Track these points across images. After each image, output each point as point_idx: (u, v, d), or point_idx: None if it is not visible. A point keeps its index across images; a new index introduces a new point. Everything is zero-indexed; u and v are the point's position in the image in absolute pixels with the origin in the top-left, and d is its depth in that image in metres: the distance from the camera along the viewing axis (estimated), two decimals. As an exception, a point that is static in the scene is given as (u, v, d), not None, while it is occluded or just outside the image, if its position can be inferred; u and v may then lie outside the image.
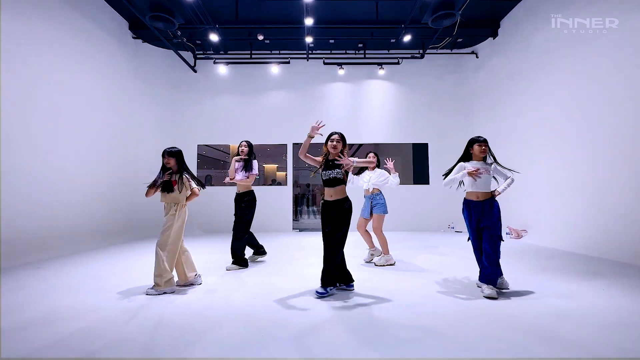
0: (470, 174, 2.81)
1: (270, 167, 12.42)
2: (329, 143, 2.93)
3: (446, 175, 3.09)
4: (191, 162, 7.91)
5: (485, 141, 2.92)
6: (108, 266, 4.07)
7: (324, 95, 8.14)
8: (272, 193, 7.95)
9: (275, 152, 8.12)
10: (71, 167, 5.30)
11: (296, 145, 8.04)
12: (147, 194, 3.02)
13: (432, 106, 8.08)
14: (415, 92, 8.12)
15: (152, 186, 3.02)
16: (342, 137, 2.96)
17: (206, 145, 8.23)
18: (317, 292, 2.81)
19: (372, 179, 4.17)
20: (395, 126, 8.11)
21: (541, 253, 4.79)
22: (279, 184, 10.14)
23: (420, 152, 8.20)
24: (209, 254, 4.81)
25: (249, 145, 4.07)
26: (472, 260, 3.36)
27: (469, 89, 7.99)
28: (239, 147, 4.07)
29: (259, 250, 4.33)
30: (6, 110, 4.25)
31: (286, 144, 7.99)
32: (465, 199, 3.00)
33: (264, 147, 8.51)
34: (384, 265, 4.00)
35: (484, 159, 2.97)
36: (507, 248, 4.88)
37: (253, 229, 4.21)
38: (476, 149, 2.92)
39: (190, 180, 3.12)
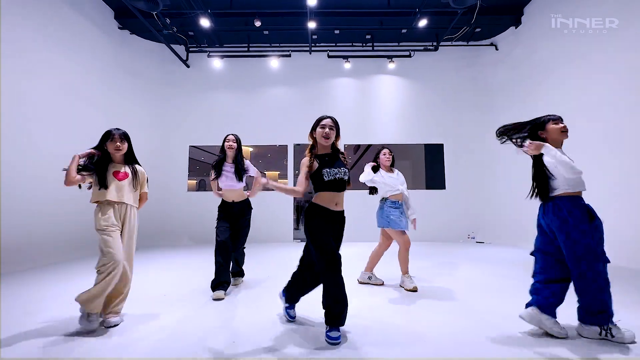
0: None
1: (272, 174, 11.70)
2: (319, 130, 2.11)
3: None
4: (182, 165, 7.22)
5: (562, 119, 2.07)
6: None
7: (328, 91, 7.44)
8: (271, 200, 7.19)
9: (278, 158, 7.44)
10: (49, 167, 4.56)
11: (297, 147, 7.32)
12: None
13: (447, 103, 7.33)
14: (429, 88, 7.40)
15: None
16: (335, 123, 2.15)
17: (199, 147, 7.51)
18: (328, 336, 1.90)
19: (400, 179, 3.34)
20: (407, 125, 7.36)
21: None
22: (280, 190, 9.35)
23: (433, 154, 7.41)
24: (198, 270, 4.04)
25: (238, 140, 3.23)
26: (512, 279, 2.50)
27: (487, 84, 7.25)
28: (224, 142, 3.20)
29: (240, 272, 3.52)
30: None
31: (287, 145, 7.28)
32: (578, 197, 1.94)
33: (264, 149, 7.79)
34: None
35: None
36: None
37: (248, 239, 3.47)
38: (555, 130, 1.99)
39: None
